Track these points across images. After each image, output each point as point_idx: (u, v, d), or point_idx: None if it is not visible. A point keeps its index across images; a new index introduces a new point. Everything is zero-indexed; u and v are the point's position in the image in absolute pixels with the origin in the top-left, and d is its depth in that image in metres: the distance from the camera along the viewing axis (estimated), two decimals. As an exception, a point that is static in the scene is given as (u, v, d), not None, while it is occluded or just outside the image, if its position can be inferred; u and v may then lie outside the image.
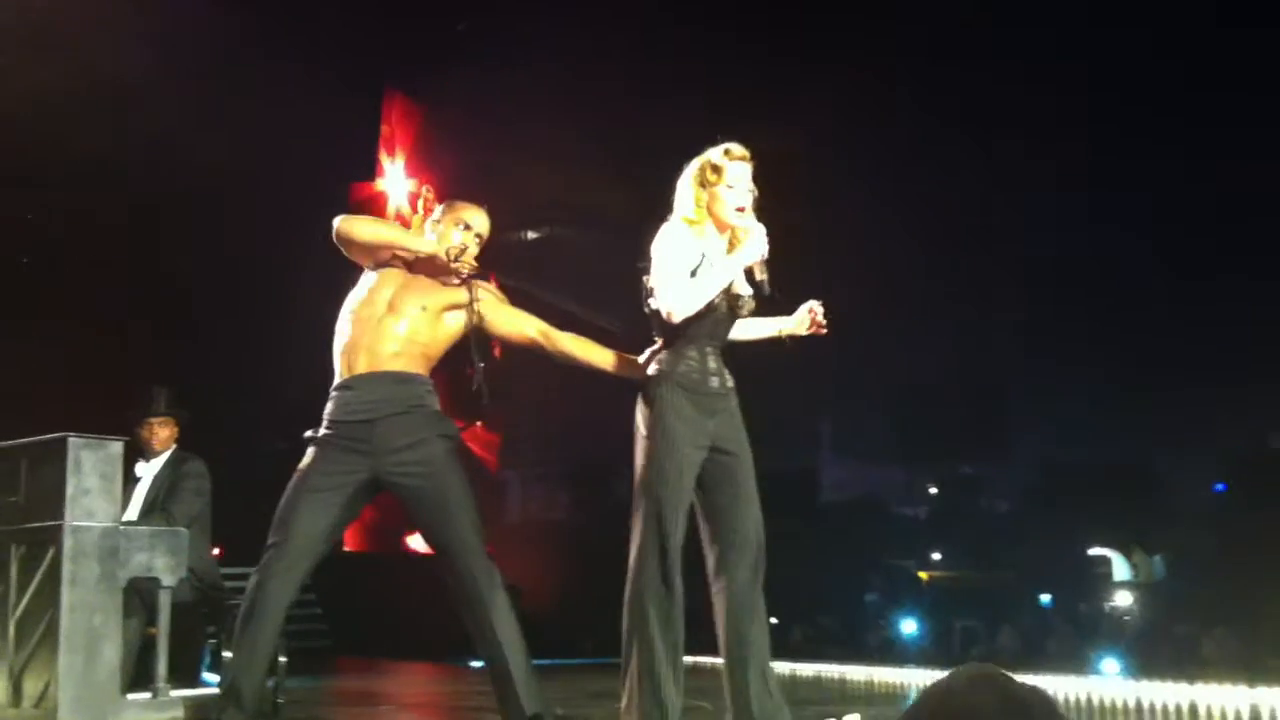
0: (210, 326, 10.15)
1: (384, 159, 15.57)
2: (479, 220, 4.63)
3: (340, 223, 4.51)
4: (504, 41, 14.51)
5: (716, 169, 4.36)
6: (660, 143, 4.57)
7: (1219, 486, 11.76)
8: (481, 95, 15.11)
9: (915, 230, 12.80)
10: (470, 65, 14.80)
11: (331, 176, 13.13)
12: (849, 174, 12.46)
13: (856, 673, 8.82)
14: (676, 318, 4.21)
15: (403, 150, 15.74)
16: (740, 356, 4.54)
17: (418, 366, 4.44)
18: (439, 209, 4.73)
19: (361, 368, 4.37)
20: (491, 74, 14.81)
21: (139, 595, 5.42)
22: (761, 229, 4.30)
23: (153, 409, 6.42)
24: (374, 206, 14.80)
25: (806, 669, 8.92)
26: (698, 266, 4.27)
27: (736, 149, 4.39)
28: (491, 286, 4.68)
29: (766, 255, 4.28)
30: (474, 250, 4.59)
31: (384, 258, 4.51)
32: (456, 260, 4.44)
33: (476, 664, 9.40)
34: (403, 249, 4.49)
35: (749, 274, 4.34)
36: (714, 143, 4.40)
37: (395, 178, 15.68)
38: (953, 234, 12.91)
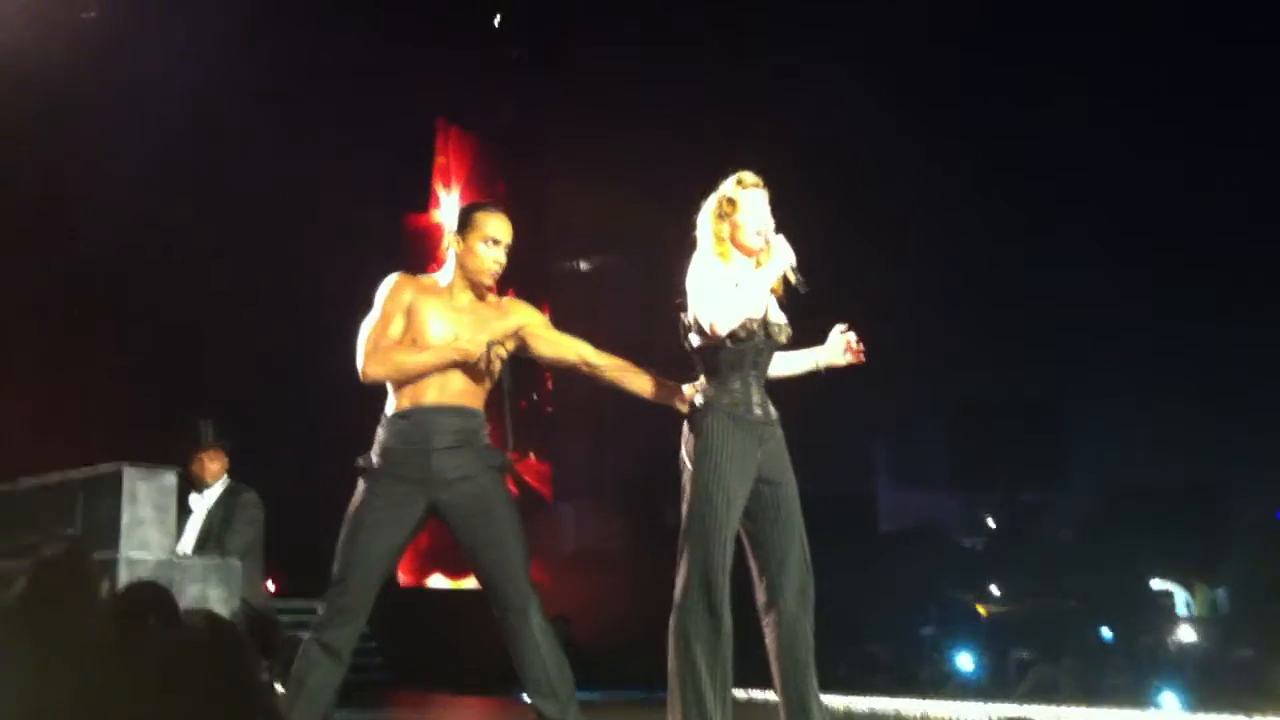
0: (263, 356, 10.22)
1: (439, 189, 15.68)
2: (504, 231, 4.54)
3: (368, 369, 4.39)
4: (559, 71, 14.63)
5: (732, 201, 4.41)
6: (714, 173, 4.56)
7: (1281, 514, 11.56)
8: (535, 125, 15.23)
9: (972, 251, 12.72)
10: (524, 96, 14.92)
11: (386, 208, 13.24)
12: (901, 196, 12.41)
13: (910, 707, 8.69)
14: (721, 330, 4.23)
15: (458, 181, 15.84)
16: (794, 384, 4.53)
17: (477, 401, 4.48)
18: (458, 217, 4.66)
19: (429, 400, 4.39)
20: (547, 104, 14.92)
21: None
22: (783, 239, 4.34)
23: (201, 442, 6.47)
24: (429, 237, 14.88)
25: (860, 703, 8.81)
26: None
27: (749, 177, 4.45)
28: (537, 313, 4.67)
29: (795, 261, 4.32)
30: (503, 261, 4.53)
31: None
32: (489, 364, 4.41)
33: (526, 697, 9.37)
34: (436, 368, 4.39)
35: (784, 281, 4.35)
36: (727, 175, 4.46)
37: (451, 209, 15.78)
38: (1011, 254, 12.81)
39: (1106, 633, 10.58)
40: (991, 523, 14.28)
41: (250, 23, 10.31)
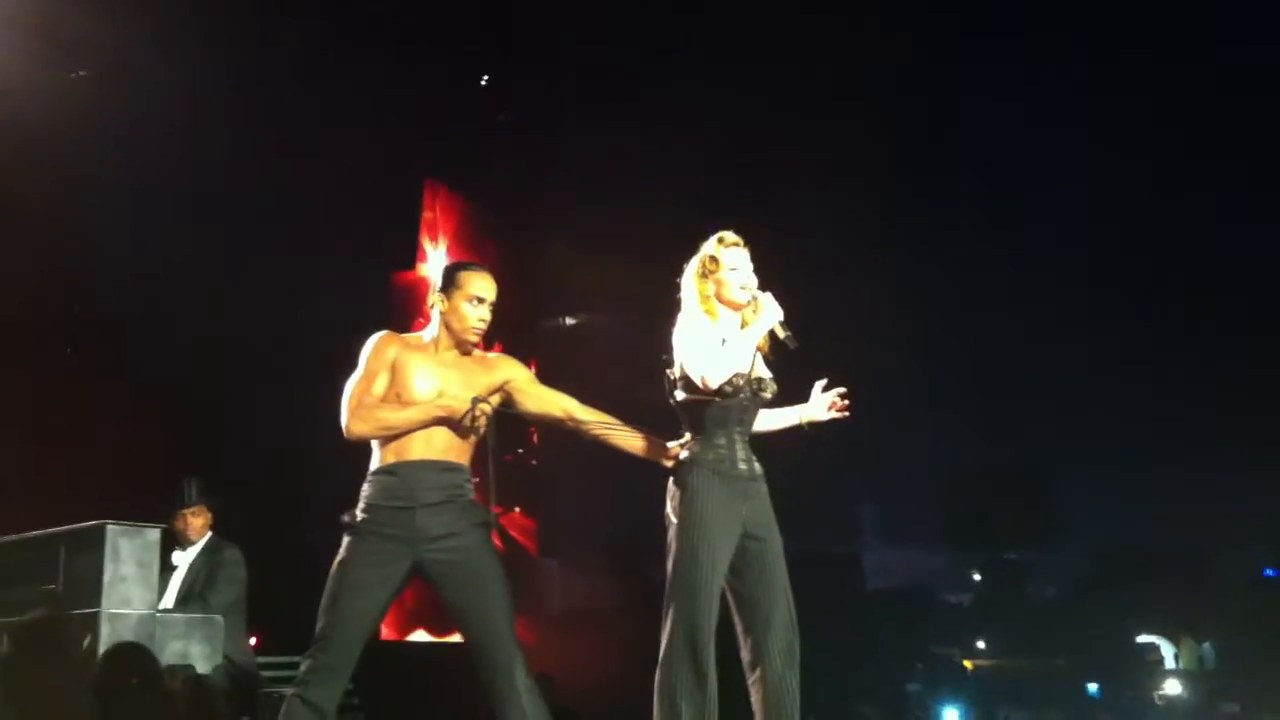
0: (248, 413, 10.21)
1: (426, 244, 15.72)
2: (488, 289, 4.54)
3: (352, 427, 4.38)
4: (542, 132, 14.74)
5: (714, 259, 4.45)
6: (701, 233, 4.60)
7: (1269, 572, 11.58)
8: (520, 186, 15.31)
9: (963, 315, 12.81)
10: (510, 157, 15.01)
11: (373, 265, 13.25)
12: (888, 263, 12.51)
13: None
14: (713, 383, 4.24)
15: (445, 236, 15.89)
16: (781, 445, 4.55)
17: (463, 456, 4.46)
18: (442, 275, 4.65)
19: (414, 455, 4.37)
20: (530, 165, 15.02)
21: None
22: (771, 296, 4.37)
23: (185, 499, 6.46)
24: (416, 293, 14.91)
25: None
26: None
27: (729, 236, 4.50)
28: (522, 368, 4.68)
29: (782, 316, 4.35)
30: (487, 318, 4.53)
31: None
32: (474, 420, 4.41)
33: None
34: (421, 424, 4.38)
35: (771, 337, 4.37)
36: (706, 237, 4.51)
37: (438, 263, 15.81)
38: (1003, 319, 12.91)
39: (1093, 687, 10.57)
40: (978, 576, 14.30)
41: (239, 80, 10.38)
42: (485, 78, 14.60)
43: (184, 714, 5.53)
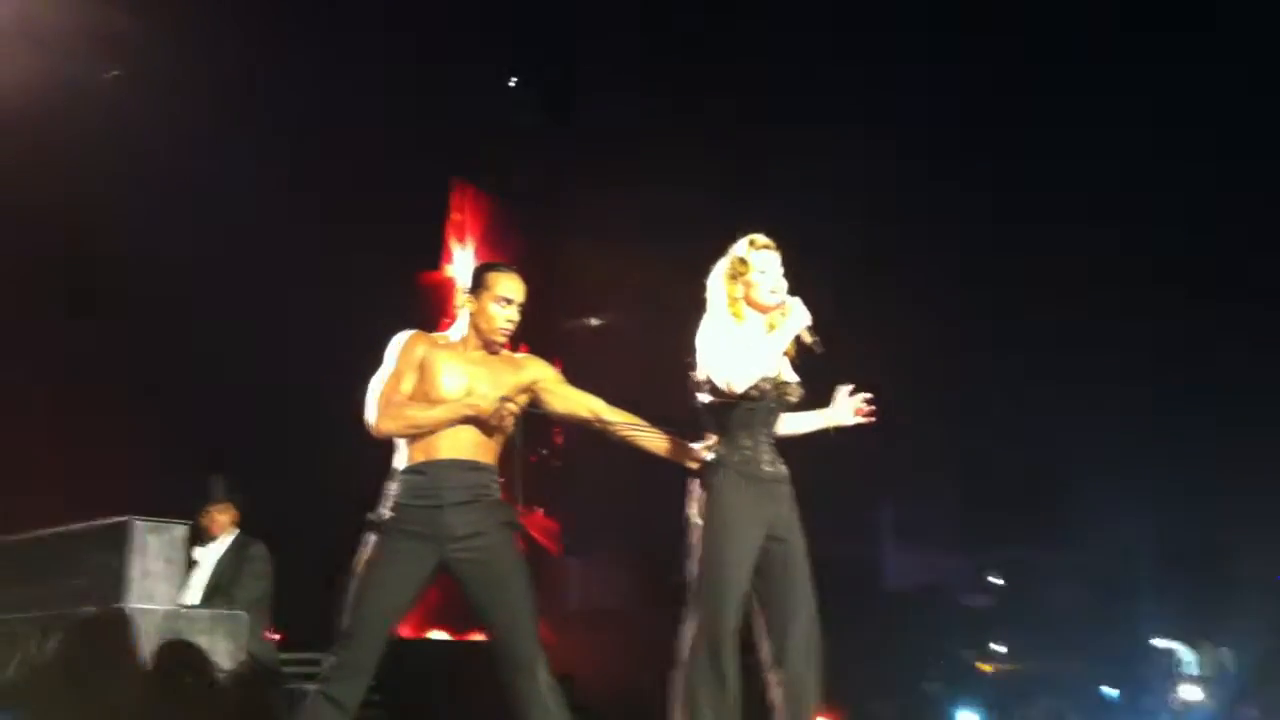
0: (277, 410, 10.28)
1: (454, 245, 15.78)
2: (517, 290, 4.55)
3: (380, 425, 4.40)
4: (569, 134, 14.79)
5: (744, 261, 4.46)
6: (727, 235, 4.63)
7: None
8: (547, 186, 15.37)
9: (978, 315, 12.80)
10: (537, 158, 15.07)
11: (400, 265, 13.32)
12: (913, 259, 12.52)
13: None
14: (738, 388, 4.25)
15: (473, 237, 15.94)
16: (802, 445, 4.57)
17: (490, 456, 4.48)
18: (471, 276, 4.67)
19: (443, 454, 4.39)
20: (557, 166, 15.08)
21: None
22: (798, 300, 4.38)
23: (212, 496, 6.52)
24: (442, 293, 14.97)
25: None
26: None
27: (761, 239, 4.50)
28: (550, 368, 4.72)
29: (810, 321, 4.37)
30: (515, 319, 4.55)
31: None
32: (501, 420, 4.43)
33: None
34: (448, 423, 4.40)
35: (797, 342, 4.39)
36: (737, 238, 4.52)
37: (465, 264, 15.86)
38: (1017, 321, 12.89)
39: (1110, 691, 10.56)
40: (996, 580, 14.28)
41: (264, 79, 10.44)
42: (514, 79, 14.66)
43: (207, 709, 5.59)
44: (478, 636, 4.68)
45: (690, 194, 12.39)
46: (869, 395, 4.61)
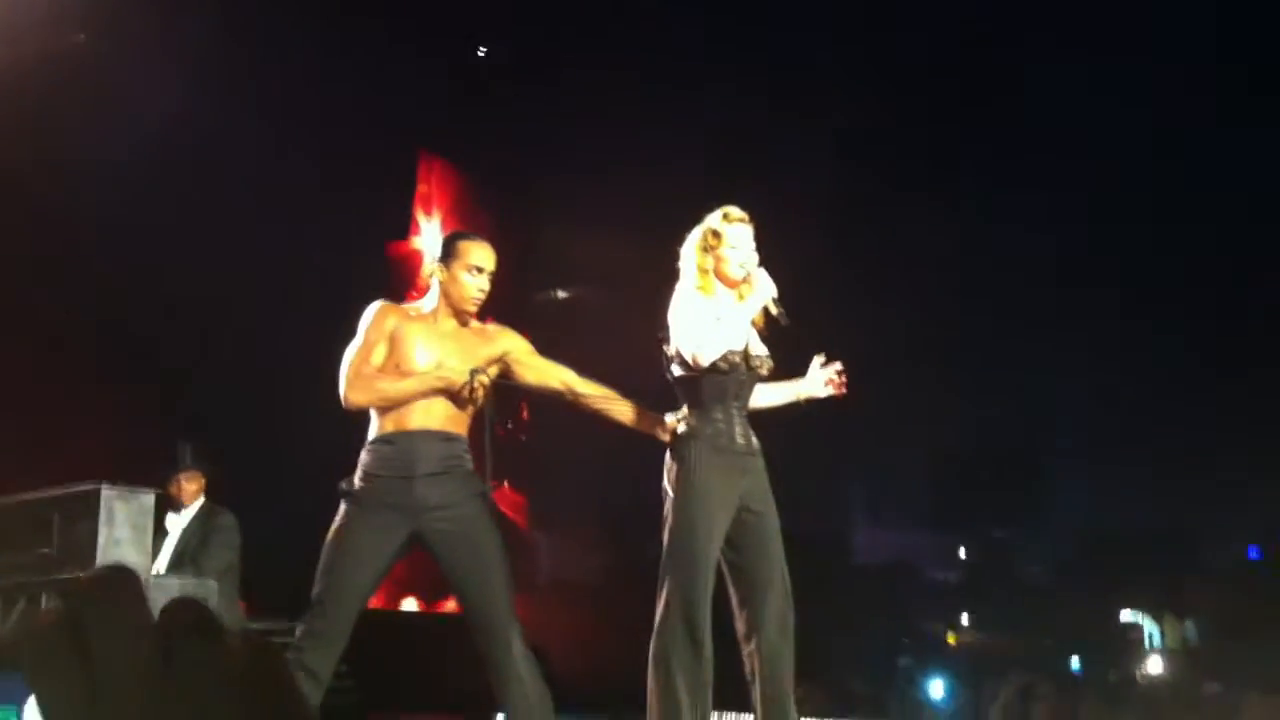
0: (241, 383, 10.23)
1: (420, 217, 15.70)
2: (488, 259, 4.53)
3: (350, 396, 4.39)
4: (538, 104, 14.72)
5: (717, 234, 4.46)
6: (697, 208, 4.62)
7: (1253, 553, 11.67)
8: (515, 157, 15.30)
9: (948, 294, 12.84)
10: (505, 129, 14.99)
11: (367, 235, 13.25)
12: (880, 236, 12.54)
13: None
14: (704, 361, 4.27)
15: (440, 209, 15.87)
16: (772, 422, 4.57)
17: (461, 427, 4.47)
18: (442, 245, 4.66)
19: (413, 425, 4.38)
20: (526, 137, 15.00)
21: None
22: (764, 272, 4.40)
23: (179, 464, 6.47)
24: (409, 265, 14.90)
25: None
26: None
27: (735, 212, 4.49)
28: (521, 340, 4.70)
29: (776, 294, 4.38)
30: (486, 289, 4.53)
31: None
32: (473, 391, 4.40)
33: (501, 717, 9.35)
34: (419, 395, 4.39)
35: (765, 314, 4.39)
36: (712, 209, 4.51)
37: (432, 236, 15.80)
38: (986, 299, 12.94)
39: (1076, 664, 10.67)
40: (964, 554, 14.38)
41: (233, 49, 10.36)
42: (482, 49, 14.57)
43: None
44: (448, 607, 4.67)
45: (664, 168, 12.37)
46: (840, 367, 4.61)
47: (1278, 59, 11.16)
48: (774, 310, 4.38)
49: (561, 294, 16.10)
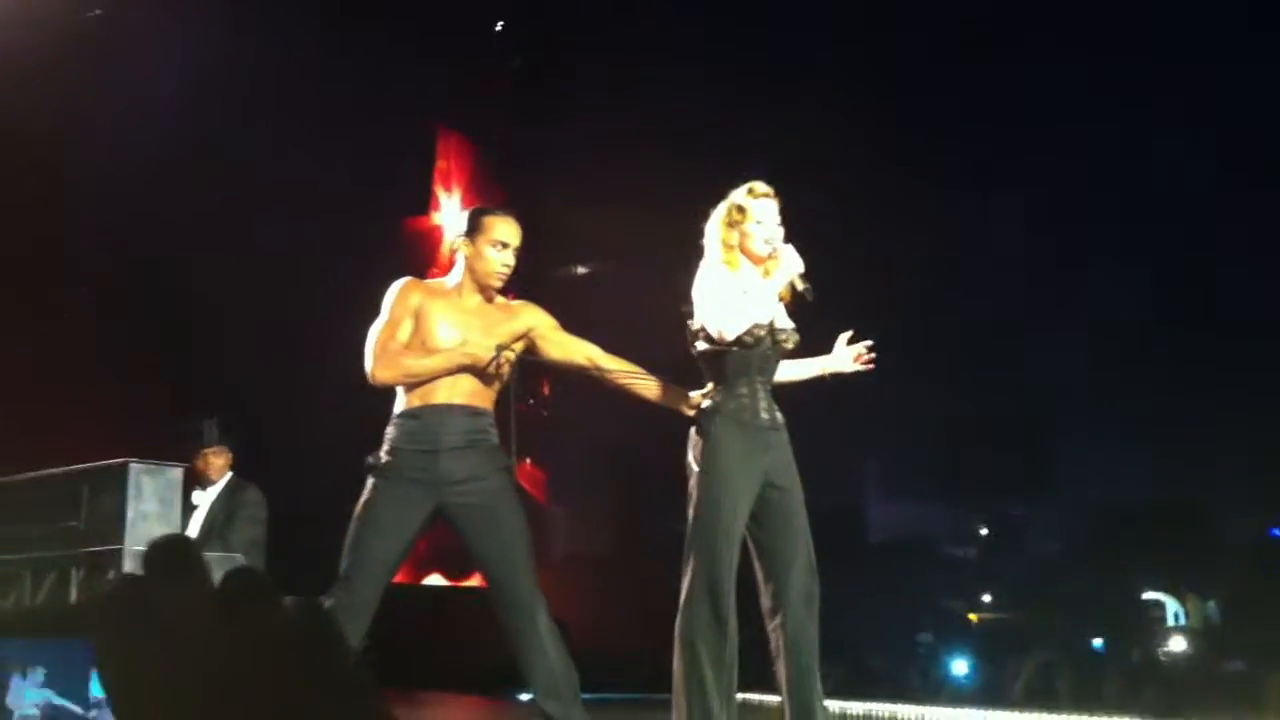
0: (266, 356, 10.26)
1: (440, 193, 15.71)
2: (513, 234, 4.54)
3: (376, 373, 4.41)
4: (559, 81, 14.71)
5: (741, 209, 4.42)
6: (706, 182, 4.60)
7: (1276, 531, 11.64)
8: (532, 133, 15.29)
9: (962, 267, 12.81)
10: (523, 104, 14.98)
11: (387, 211, 13.27)
12: (899, 213, 12.50)
13: (907, 712, 8.75)
14: (730, 335, 4.25)
15: (459, 185, 15.87)
16: (787, 396, 4.57)
17: (487, 401, 4.49)
18: (465, 220, 4.64)
19: (438, 399, 4.39)
20: (542, 113, 14.99)
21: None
22: (791, 248, 4.37)
23: (205, 440, 6.49)
24: (429, 240, 14.92)
25: (856, 707, 8.86)
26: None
27: (760, 187, 4.45)
28: (546, 315, 4.69)
29: (802, 269, 4.35)
30: (512, 264, 4.54)
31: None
32: (498, 367, 4.43)
33: (523, 697, 9.41)
34: (444, 371, 4.40)
35: (791, 289, 4.37)
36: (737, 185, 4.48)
37: (451, 212, 15.81)
38: (1001, 271, 12.90)
39: (1097, 642, 10.66)
40: (982, 531, 14.36)
41: (250, 25, 10.35)
42: (499, 24, 14.54)
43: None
44: (471, 582, 4.69)
45: (678, 143, 12.34)
46: (870, 343, 4.61)
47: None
48: (800, 286, 4.36)
49: (580, 270, 16.09)
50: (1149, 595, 10.96)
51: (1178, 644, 10.18)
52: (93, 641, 3.27)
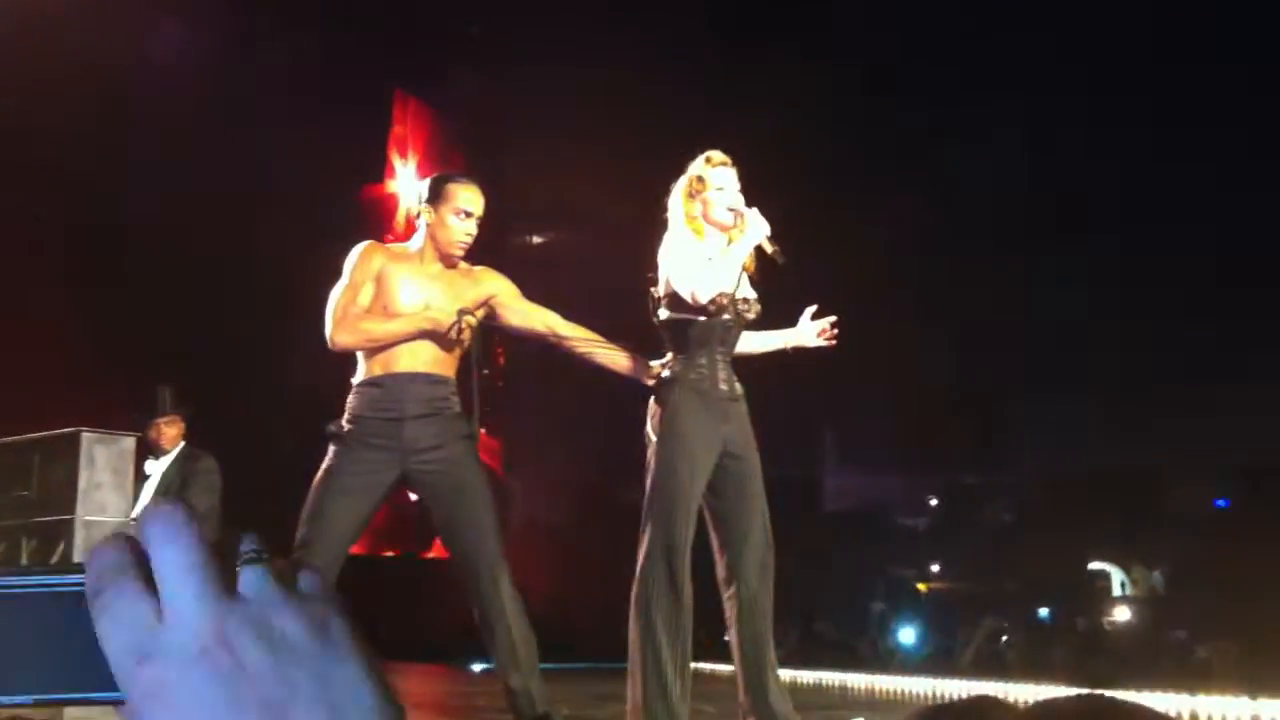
0: (220, 325, 10.19)
1: (395, 160, 15.60)
2: (476, 203, 4.52)
3: (336, 337, 4.38)
4: (513, 46, 14.59)
5: (701, 179, 4.44)
6: (667, 149, 4.60)
7: (1220, 502, 11.79)
8: (491, 99, 15.19)
9: (917, 236, 12.85)
10: (480, 69, 14.88)
11: (343, 178, 13.17)
12: (848, 176, 12.52)
13: (857, 680, 8.84)
14: (702, 298, 4.25)
15: (415, 152, 15.77)
16: (742, 366, 4.59)
17: (448, 369, 4.49)
18: (427, 187, 4.60)
19: (401, 367, 4.39)
20: (501, 78, 14.88)
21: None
22: (756, 211, 4.37)
23: (158, 409, 6.47)
24: (385, 208, 14.83)
25: (806, 675, 8.93)
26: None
27: (717, 155, 4.47)
28: (507, 282, 4.68)
29: (769, 231, 4.35)
30: (474, 232, 4.52)
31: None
32: (459, 333, 4.42)
33: (479, 666, 9.45)
34: (406, 336, 4.39)
35: (758, 255, 4.39)
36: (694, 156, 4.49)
37: (407, 179, 15.72)
38: (956, 240, 12.94)
39: (1044, 612, 10.79)
40: (934, 501, 14.47)
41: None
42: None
43: None
44: (432, 555, 4.70)
45: (639, 108, 12.29)
46: (834, 319, 4.63)
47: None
48: (769, 249, 4.36)
49: (535, 238, 16.05)
50: (1095, 565, 11.09)
51: (1122, 613, 10.33)
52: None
